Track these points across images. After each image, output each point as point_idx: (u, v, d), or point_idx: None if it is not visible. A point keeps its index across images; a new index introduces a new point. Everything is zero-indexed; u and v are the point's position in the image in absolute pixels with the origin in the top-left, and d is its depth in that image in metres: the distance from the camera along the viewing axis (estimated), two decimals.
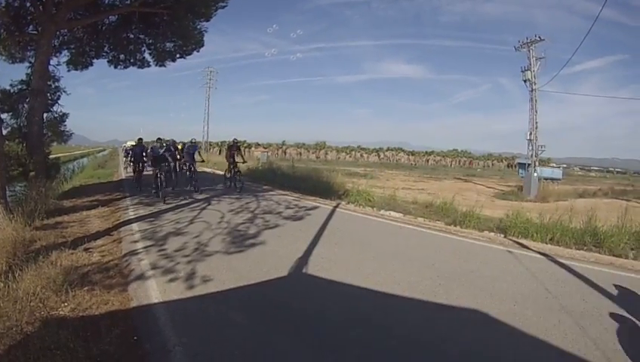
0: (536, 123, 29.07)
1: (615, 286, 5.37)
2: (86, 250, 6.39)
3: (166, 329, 3.80)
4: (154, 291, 4.80)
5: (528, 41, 29.19)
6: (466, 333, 3.96)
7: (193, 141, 16.89)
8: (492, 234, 8.73)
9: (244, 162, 16.65)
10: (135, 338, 3.61)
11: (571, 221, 8.30)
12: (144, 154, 15.46)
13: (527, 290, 5.18)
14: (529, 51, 29.05)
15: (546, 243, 7.88)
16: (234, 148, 16.08)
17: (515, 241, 8.02)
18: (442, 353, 3.57)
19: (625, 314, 4.48)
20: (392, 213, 11.01)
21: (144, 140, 16.53)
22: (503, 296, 4.94)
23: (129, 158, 24.21)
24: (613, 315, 4.42)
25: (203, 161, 17.87)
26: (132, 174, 17.45)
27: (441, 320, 4.31)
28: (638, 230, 7.68)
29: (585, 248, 7.58)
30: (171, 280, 5.19)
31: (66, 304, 4.18)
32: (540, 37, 29.01)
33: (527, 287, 5.30)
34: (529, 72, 28.87)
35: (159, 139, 14.92)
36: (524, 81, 29.28)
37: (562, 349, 3.65)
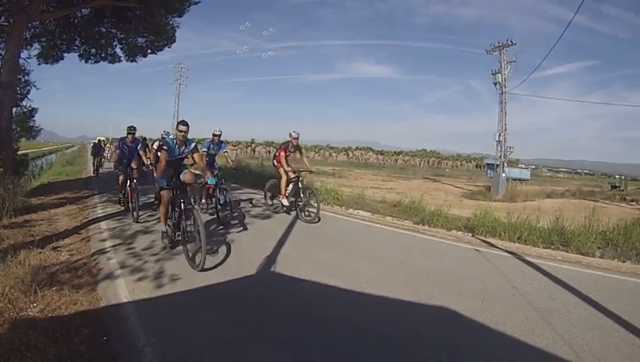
0: (506, 125, 29.82)
1: (582, 283, 5.59)
2: (54, 248, 6.29)
3: (135, 329, 3.80)
4: (123, 290, 4.78)
5: (500, 44, 29.89)
6: (434, 330, 4.08)
7: (217, 134, 9.71)
8: (460, 233, 8.89)
9: (310, 171, 10.35)
10: (105, 338, 3.60)
11: (539, 220, 8.51)
12: (140, 153, 9.75)
13: (495, 288, 5.35)
14: (500, 55, 29.75)
15: (514, 242, 8.07)
16: (291, 148, 9.82)
17: (482, 240, 8.22)
18: (411, 349, 3.68)
19: (592, 310, 4.69)
20: (361, 212, 11.09)
21: (102, 141, 11.47)
22: (470, 293, 5.09)
23: (99, 158, 21.11)
24: (580, 311, 4.62)
25: (235, 170, 12.48)
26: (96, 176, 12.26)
27: (409, 317, 4.42)
28: (604, 230, 7.95)
29: (552, 247, 7.80)
30: (140, 279, 5.17)
31: (35, 304, 4.13)
32: (511, 41, 29.73)
33: (494, 285, 5.47)
34: (500, 75, 29.62)
35: (183, 122, 6.42)
36: (495, 84, 30.01)
37: (530, 344, 3.79)
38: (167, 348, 3.50)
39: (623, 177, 44.74)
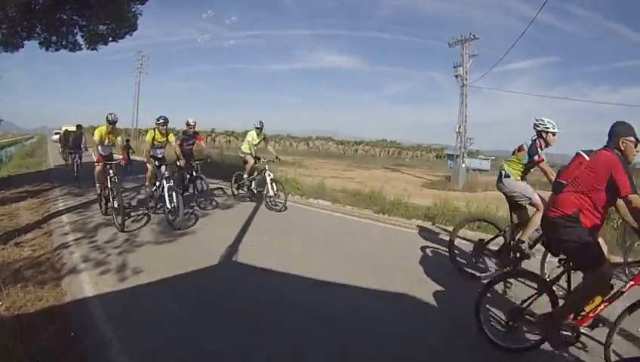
0: (466, 116, 30.72)
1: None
2: (17, 244, 6.27)
3: (101, 323, 3.86)
4: (87, 284, 4.82)
5: (462, 38, 30.65)
6: (396, 317, 4.26)
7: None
8: (420, 221, 9.02)
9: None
10: (72, 333, 3.64)
11: (498, 209, 8.55)
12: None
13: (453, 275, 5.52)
14: (462, 48, 30.51)
15: (474, 231, 8.05)
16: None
17: (442, 228, 8.38)
18: (373, 335, 3.84)
19: None
20: (321, 201, 11.25)
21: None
22: (431, 280, 5.30)
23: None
24: None
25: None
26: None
27: (370, 304, 4.61)
28: None
29: None
30: (103, 273, 5.23)
31: (0, 303, 4.14)
32: (474, 35, 30.54)
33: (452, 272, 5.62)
34: (461, 68, 30.36)
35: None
36: (456, 77, 30.78)
37: None
38: (134, 340, 3.59)
39: None
